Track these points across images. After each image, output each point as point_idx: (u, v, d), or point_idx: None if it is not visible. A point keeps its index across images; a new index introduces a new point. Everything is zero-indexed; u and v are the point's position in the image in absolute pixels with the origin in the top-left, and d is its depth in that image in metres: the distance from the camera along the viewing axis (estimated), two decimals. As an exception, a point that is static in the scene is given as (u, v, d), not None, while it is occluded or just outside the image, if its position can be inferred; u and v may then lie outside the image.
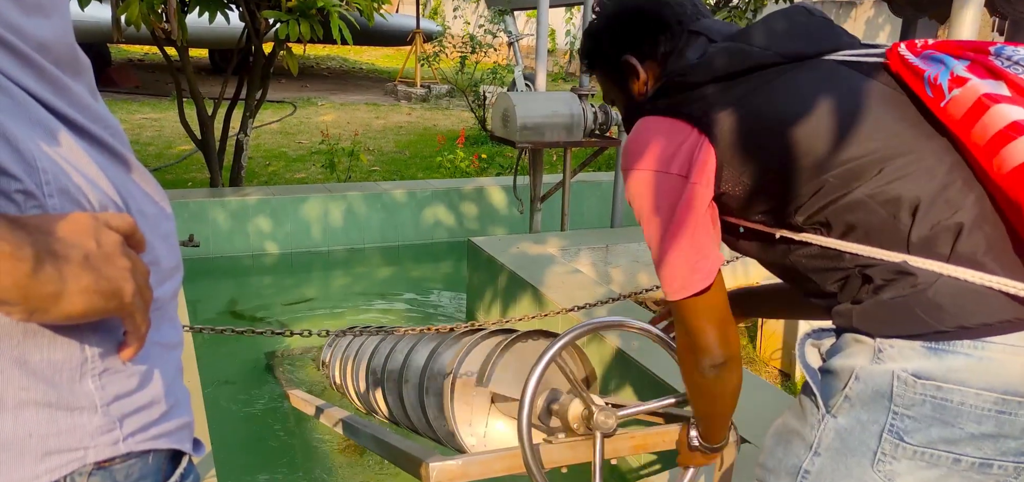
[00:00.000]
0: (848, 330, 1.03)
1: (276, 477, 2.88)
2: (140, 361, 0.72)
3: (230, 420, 3.25)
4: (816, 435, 1.02)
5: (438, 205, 5.86)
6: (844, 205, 1.02)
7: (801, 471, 1.03)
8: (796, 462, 1.04)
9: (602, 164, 7.24)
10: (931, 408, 0.93)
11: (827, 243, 1.04)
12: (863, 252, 1.01)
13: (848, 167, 1.01)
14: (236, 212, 5.36)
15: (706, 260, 1.09)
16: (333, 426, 2.49)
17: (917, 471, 0.95)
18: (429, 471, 1.55)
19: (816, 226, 1.05)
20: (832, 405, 1.01)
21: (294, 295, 4.91)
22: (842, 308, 1.04)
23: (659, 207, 1.09)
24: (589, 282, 3.71)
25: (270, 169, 7.75)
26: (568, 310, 2.27)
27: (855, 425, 0.99)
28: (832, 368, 1.03)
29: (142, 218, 0.75)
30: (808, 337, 1.10)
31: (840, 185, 1.01)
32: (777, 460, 1.08)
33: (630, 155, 1.13)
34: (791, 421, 1.08)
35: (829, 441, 1.01)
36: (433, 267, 5.68)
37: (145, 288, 0.68)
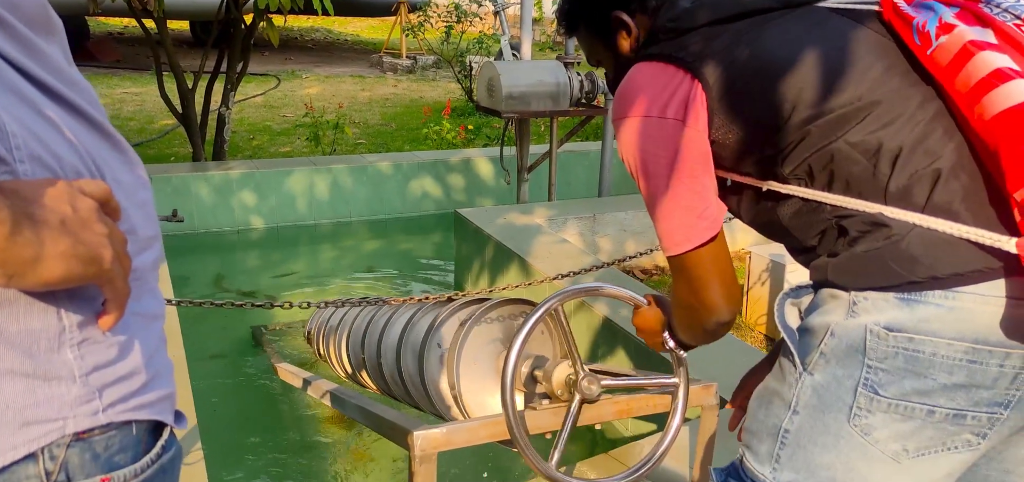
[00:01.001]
0: (824, 285, 1.03)
1: (264, 449, 2.89)
2: (120, 331, 0.72)
3: (217, 394, 3.25)
4: (794, 394, 1.03)
5: (425, 177, 5.84)
6: (827, 154, 1.00)
7: (781, 430, 1.04)
8: (776, 422, 1.05)
9: (589, 133, 7.22)
10: (904, 360, 0.94)
11: (808, 194, 1.03)
12: (841, 203, 1.00)
13: (833, 116, 1.00)
14: (220, 186, 5.32)
15: (709, 208, 1.06)
16: (320, 397, 2.50)
17: (892, 424, 0.96)
18: (414, 440, 1.56)
19: (800, 177, 1.04)
20: (808, 362, 1.01)
21: (281, 269, 4.90)
22: (819, 262, 1.04)
23: (656, 155, 1.06)
24: (575, 251, 3.72)
25: (254, 143, 7.68)
26: (552, 278, 2.28)
27: (831, 381, 1.00)
28: (808, 326, 1.03)
29: (117, 186, 0.74)
30: (787, 296, 1.10)
31: (824, 134, 1.00)
32: (759, 422, 1.08)
33: (622, 103, 1.10)
34: (771, 382, 1.08)
35: (806, 399, 1.01)
36: (420, 239, 5.68)
37: (123, 255, 0.68)
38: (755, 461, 1.09)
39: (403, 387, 2.36)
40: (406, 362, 2.28)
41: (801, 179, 1.05)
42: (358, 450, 2.86)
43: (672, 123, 1.06)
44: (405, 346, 2.29)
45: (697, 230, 1.05)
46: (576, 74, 4.57)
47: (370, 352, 2.58)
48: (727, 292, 1.08)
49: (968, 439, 0.95)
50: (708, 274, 1.07)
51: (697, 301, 1.09)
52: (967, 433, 0.95)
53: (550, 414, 1.66)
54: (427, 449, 1.57)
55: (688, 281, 1.09)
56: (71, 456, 0.67)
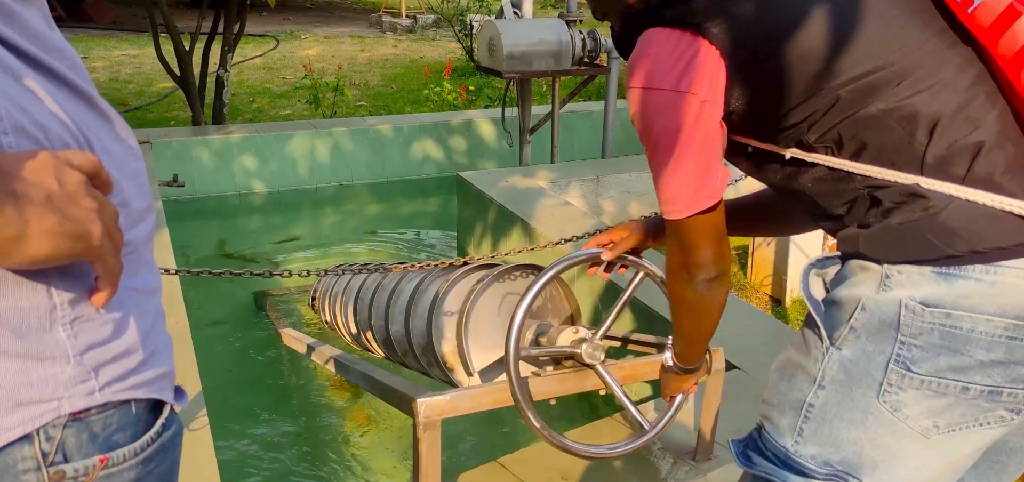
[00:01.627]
0: (854, 256, 1.00)
1: (269, 415, 2.90)
2: (115, 308, 0.70)
3: (221, 361, 3.26)
4: (820, 368, 1.00)
5: (426, 139, 5.79)
6: (858, 121, 0.96)
7: (805, 405, 1.01)
8: (800, 396, 1.01)
9: (591, 93, 7.14)
10: (939, 337, 0.91)
11: (837, 163, 0.99)
12: (874, 173, 0.96)
13: (864, 81, 0.95)
14: (220, 151, 5.28)
15: (714, 179, 1.05)
16: (325, 364, 2.50)
17: (924, 401, 0.93)
18: (418, 407, 1.56)
19: (827, 145, 1.00)
20: (836, 337, 0.98)
21: (283, 233, 4.88)
22: (848, 233, 1.00)
23: (667, 127, 1.03)
24: (578, 214, 3.70)
25: (254, 105, 7.62)
26: (556, 243, 2.26)
27: (860, 356, 0.97)
28: (837, 298, 0.99)
29: (107, 157, 0.71)
30: (812, 267, 1.07)
31: (855, 100, 0.96)
32: (781, 395, 1.05)
33: (635, 72, 1.06)
34: (794, 355, 1.05)
35: (833, 374, 0.98)
36: (422, 202, 5.65)
37: (114, 230, 0.65)
38: (776, 433, 1.06)
39: (412, 352, 2.36)
40: (415, 327, 2.27)
41: (828, 147, 1.01)
42: (363, 415, 2.87)
43: (686, 97, 1.02)
44: (414, 311, 2.27)
45: (698, 200, 1.05)
46: (578, 32, 4.50)
47: (378, 316, 2.57)
48: (717, 251, 1.09)
49: (1002, 415, 0.93)
50: (701, 236, 1.07)
51: (688, 259, 1.09)
52: (1001, 409, 0.93)
53: (555, 380, 1.65)
54: (431, 416, 1.57)
55: (681, 243, 1.09)
56: (68, 437, 0.66)
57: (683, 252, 1.09)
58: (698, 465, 1.78)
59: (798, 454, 1.03)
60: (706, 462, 1.79)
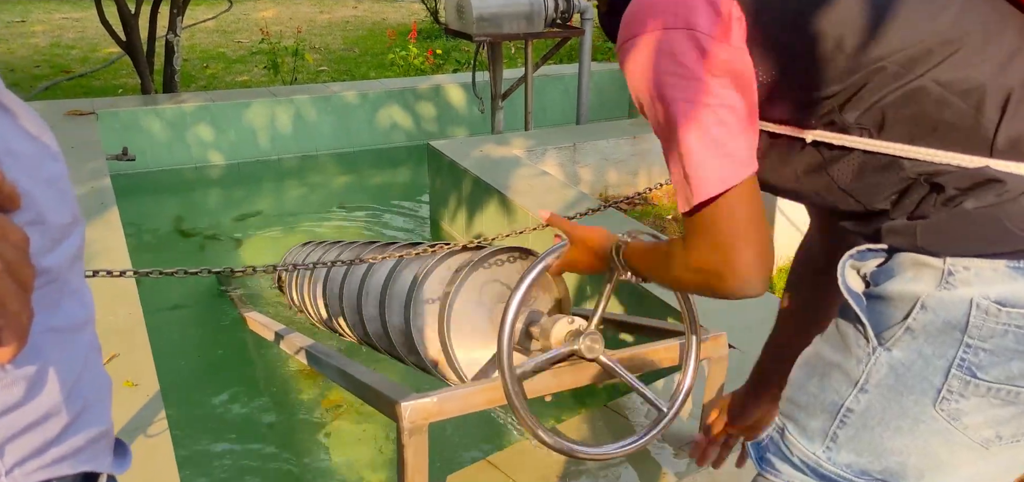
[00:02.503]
0: (906, 249, 0.87)
1: (235, 411, 2.72)
2: (27, 360, 0.53)
3: (180, 351, 3.05)
4: (863, 370, 0.87)
5: (393, 106, 5.56)
6: (907, 96, 0.83)
7: (842, 409, 0.89)
8: (836, 399, 0.90)
9: (564, 56, 6.96)
10: (1014, 340, 0.79)
11: (881, 148, 0.85)
12: (933, 157, 0.83)
13: (915, 49, 0.82)
14: (173, 121, 4.99)
15: (744, 139, 0.84)
16: (295, 354, 2.33)
17: (988, 409, 0.82)
18: (402, 411, 1.41)
19: (865, 126, 0.86)
20: (886, 337, 0.86)
21: (244, 208, 4.64)
22: (899, 224, 0.87)
23: (676, 77, 0.85)
24: (558, 185, 3.55)
25: (208, 72, 7.27)
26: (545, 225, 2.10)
27: (916, 359, 0.85)
28: (885, 294, 0.87)
29: (12, 160, 0.54)
30: (850, 257, 0.93)
31: (903, 71, 0.82)
32: (810, 395, 0.93)
33: (631, 22, 0.89)
34: (828, 351, 0.92)
35: (880, 377, 0.86)
36: (391, 173, 5.44)
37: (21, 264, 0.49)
38: (802, 437, 0.94)
39: (387, 339, 2.21)
40: (391, 312, 2.12)
41: (867, 128, 0.86)
42: (338, 409, 2.71)
43: (699, 36, 0.85)
44: (390, 296, 2.12)
45: (729, 168, 0.84)
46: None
47: (349, 300, 2.41)
48: (761, 253, 0.87)
49: None
50: (740, 227, 0.86)
51: (723, 263, 0.87)
52: None
53: (550, 375, 1.52)
54: (417, 420, 1.43)
55: (713, 239, 0.87)
56: None
57: (717, 252, 0.88)
58: (702, 458, 1.67)
59: (831, 461, 0.92)
60: (711, 454, 1.68)
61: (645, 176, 4.37)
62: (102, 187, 3.50)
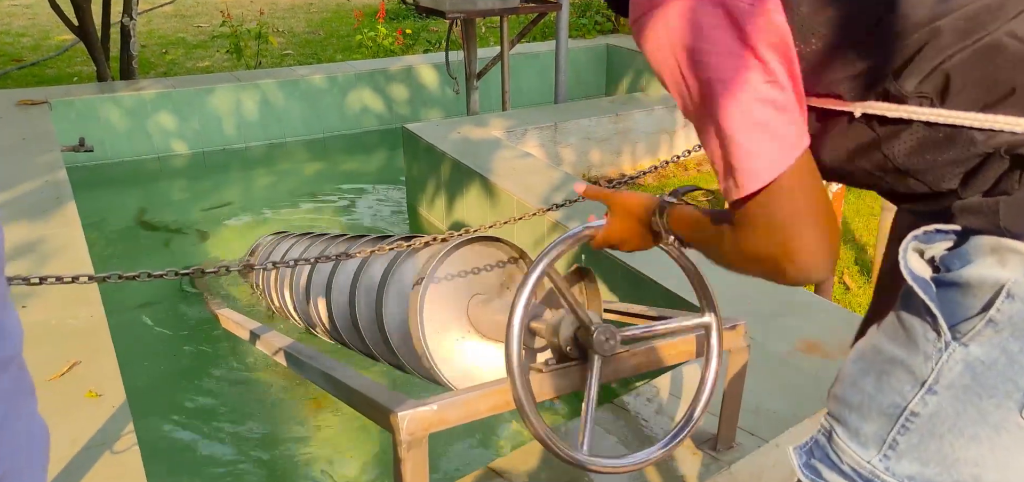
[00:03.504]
0: (986, 231, 0.76)
1: (209, 422, 2.55)
2: None
3: (148, 354, 2.87)
4: (933, 367, 0.77)
5: (363, 89, 5.37)
6: (978, 55, 0.72)
7: (905, 412, 0.78)
8: (897, 400, 0.79)
9: (538, 33, 6.80)
10: None
11: (947, 117, 0.74)
12: (1014, 126, 0.72)
13: (978, 4, 0.71)
14: (133, 109, 4.75)
15: (794, 112, 0.75)
16: (273, 355, 2.17)
17: None
18: (399, 421, 1.28)
19: (926, 94, 0.75)
20: (963, 330, 0.75)
21: (212, 199, 4.43)
22: (974, 202, 0.76)
23: (707, 49, 0.75)
24: (542, 166, 3.42)
25: (168, 58, 6.98)
26: (546, 210, 1.97)
27: (999, 356, 0.74)
28: (961, 281, 0.76)
29: None
30: (914, 238, 0.82)
31: (970, 27, 0.72)
32: (865, 395, 0.82)
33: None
34: (886, 345, 0.81)
35: (954, 376, 0.76)
36: (364, 158, 5.25)
37: None
38: (854, 443, 0.83)
39: (359, 337, 2.07)
40: (361, 310, 1.98)
41: (927, 96, 0.75)
42: (324, 410, 2.56)
43: (730, 3, 0.74)
44: (359, 292, 1.98)
45: (779, 151, 0.75)
46: (529, -33, 4.16)
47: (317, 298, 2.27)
48: (825, 234, 0.78)
49: None
50: (799, 211, 0.76)
51: (783, 252, 0.78)
52: None
53: (560, 376, 1.39)
54: (416, 431, 1.29)
55: (768, 228, 0.78)
56: None
57: (774, 241, 0.78)
58: (719, 455, 1.57)
59: (889, 471, 0.81)
60: (728, 451, 1.58)
61: (628, 155, 4.26)
62: (57, 180, 3.28)
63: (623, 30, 6.70)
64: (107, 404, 1.81)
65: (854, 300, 2.78)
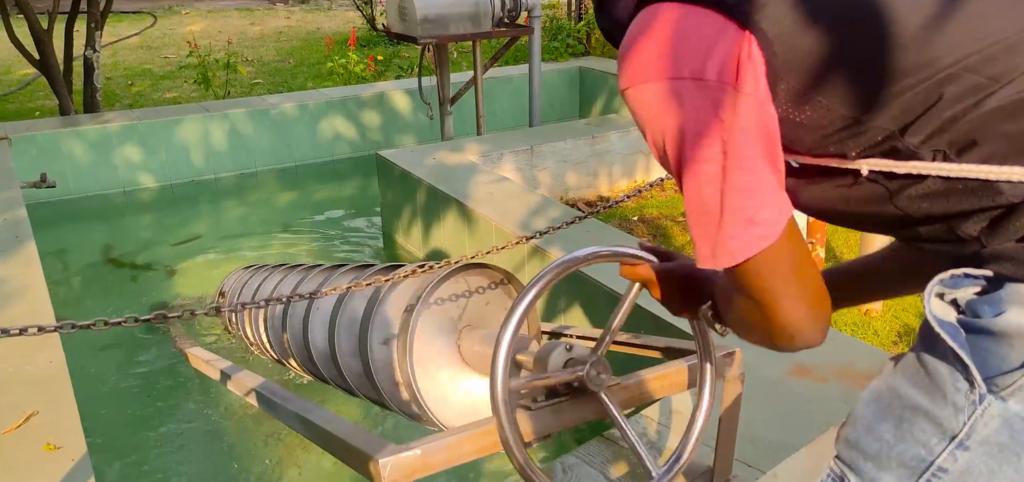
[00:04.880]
0: (1021, 279, 0.71)
1: (175, 473, 2.42)
2: None
3: (111, 399, 2.74)
4: (965, 422, 0.72)
5: (335, 117, 5.29)
6: (995, 111, 0.69)
7: (933, 467, 0.73)
8: (921, 453, 0.74)
9: (510, 58, 6.79)
10: None
11: (967, 172, 0.71)
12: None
13: (992, 50, 0.68)
14: (97, 143, 4.62)
15: (767, 205, 0.74)
16: (245, 396, 2.07)
17: None
18: (380, 469, 1.20)
19: (941, 149, 0.72)
20: (1001, 384, 0.70)
21: (181, 233, 4.31)
22: (1009, 249, 0.71)
23: (690, 133, 0.74)
24: (519, 191, 3.36)
25: (134, 89, 6.85)
26: (528, 237, 1.91)
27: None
28: (996, 329, 0.71)
29: None
30: (939, 282, 0.77)
31: (982, 80, 0.68)
32: (884, 445, 0.77)
33: (637, 59, 0.76)
34: (907, 391, 0.76)
35: (989, 432, 0.71)
36: (337, 187, 5.16)
37: None
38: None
39: (342, 379, 1.99)
40: (342, 346, 1.90)
41: (941, 151, 0.71)
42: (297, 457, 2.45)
43: (715, 86, 0.72)
44: (340, 328, 1.90)
45: (755, 234, 0.74)
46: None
47: (295, 334, 2.18)
48: (811, 305, 0.77)
49: None
50: (779, 286, 0.76)
51: (768, 322, 0.78)
52: None
53: (549, 414, 1.32)
54: (399, 479, 1.21)
55: (751, 299, 0.78)
56: None
57: (758, 311, 0.78)
58: (716, 489, 1.51)
59: None
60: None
61: (605, 177, 4.23)
62: (17, 218, 3.15)
63: (595, 53, 6.72)
64: (66, 457, 1.70)
65: (840, 320, 2.75)
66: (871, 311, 2.80)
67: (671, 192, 4.19)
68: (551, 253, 2.65)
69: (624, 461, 1.64)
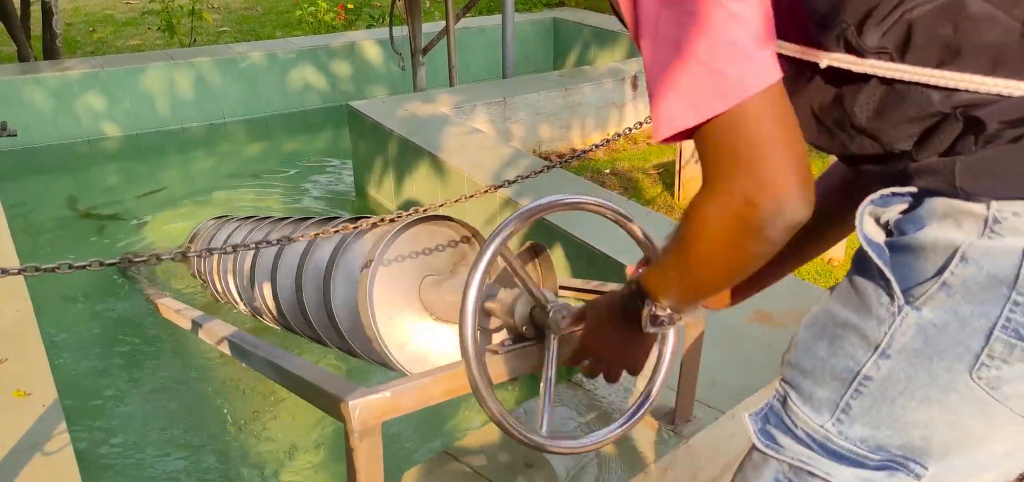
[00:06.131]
0: (941, 193, 0.75)
1: (148, 420, 2.43)
2: None
3: (80, 351, 2.73)
4: (885, 332, 0.76)
5: (305, 66, 5.21)
6: (941, 11, 0.70)
7: (858, 376, 0.78)
8: (850, 365, 0.78)
9: (483, 8, 6.71)
10: None
11: (904, 73, 0.72)
12: (971, 84, 0.71)
13: None
14: (58, 91, 4.50)
15: (763, 49, 0.72)
16: (217, 344, 2.08)
17: None
18: (350, 410, 1.22)
19: (886, 48, 0.73)
20: (916, 294, 0.74)
21: (148, 183, 4.25)
22: (931, 162, 0.74)
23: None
24: (491, 143, 3.36)
25: (95, 36, 6.66)
26: (497, 186, 1.92)
27: (951, 320, 0.73)
28: (915, 244, 0.75)
29: None
30: (871, 202, 0.80)
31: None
32: (818, 360, 0.81)
33: None
34: (839, 310, 0.80)
35: (906, 340, 0.75)
36: (308, 139, 5.11)
37: None
38: (808, 408, 0.83)
39: (305, 322, 2.01)
40: (308, 293, 1.92)
41: (887, 52, 0.73)
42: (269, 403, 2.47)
43: None
44: (306, 276, 1.91)
45: (751, 70, 0.71)
46: (473, -62, 4.08)
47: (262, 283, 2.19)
48: (801, 163, 0.73)
49: None
50: (775, 133, 0.72)
51: (754, 184, 0.72)
52: None
53: (516, 357, 1.35)
54: (368, 420, 1.24)
55: (735, 156, 0.73)
56: None
57: (745, 170, 0.73)
58: (678, 429, 1.56)
59: (842, 435, 0.80)
60: (686, 424, 1.58)
61: (578, 129, 4.24)
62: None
63: (569, 3, 6.66)
64: (36, 403, 1.70)
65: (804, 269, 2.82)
66: (833, 260, 2.87)
67: (643, 144, 4.21)
68: (521, 203, 2.67)
69: (591, 403, 1.69)
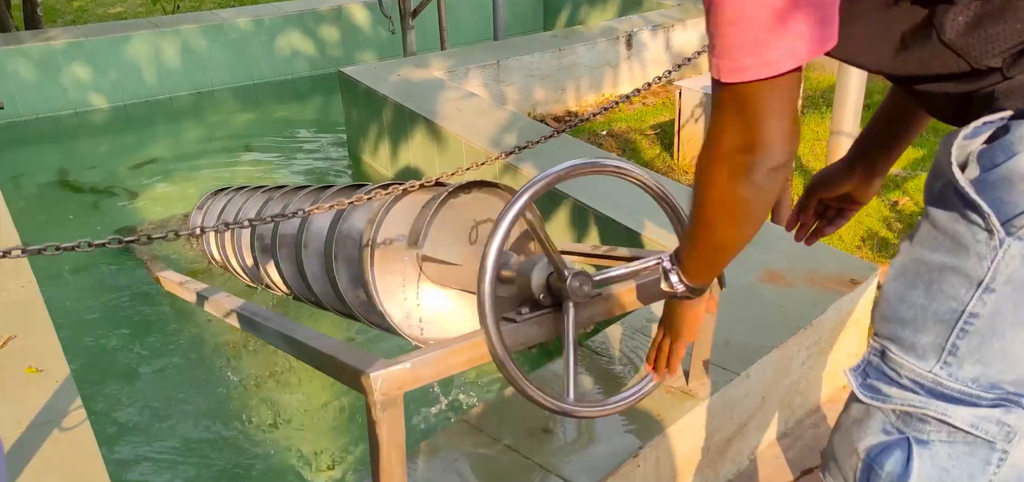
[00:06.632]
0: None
1: (160, 394, 2.43)
2: None
3: (87, 326, 2.72)
4: (988, 266, 0.76)
5: (292, 32, 5.13)
6: None
7: (964, 315, 0.78)
8: (953, 306, 0.78)
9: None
10: None
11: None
12: None
13: None
14: (42, 61, 4.42)
15: (811, 25, 0.75)
16: (225, 317, 2.07)
17: None
18: (372, 382, 1.23)
19: None
20: (1017, 224, 0.74)
21: (138, 155, 4.19)
22: (1018, 82, 0.75)
23: None
24: (487, 107, 3.34)
25: (76, 5, 6.51)
26: (508, 154, 1.92)
27: None
28: (1007, 174, 0.74)
29: None
30: (957, 134, 0.79)
31: None
32: (917, 308, 0.81)
33: None
34: (929, 256, 0.80)
35: (1011, 271, 0.75)
36: (298, 106, 5.05)
37: None
38: (911, 356, 0.82)
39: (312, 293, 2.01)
40: (340, 267, 1.91)
41: None
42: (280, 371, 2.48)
43: None
44: (338, 248, 1.90)
45: (783, 51, 0.75)
46: (464, -102, 4.00)
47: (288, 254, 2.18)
48: (792, 128, 0.81)
49: None
50: (773, 109, 0.79)
51: (752, 138, 0.81)
52: None
53: (533, 325, 1.36)
54: (390, 391, 1.25)
55: (746, 116, 0.80)
56: None
57: (748, 128, 0.80)
58: (691, 390, 1.58)
59: (953, 377, 0.80)
60: (701, 386, 1.60)
61: (573, 91, 4.22)
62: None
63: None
64: (50, 379, 1.70)
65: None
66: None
67: (639, 105, 4.20)
68: (523, 170, 2.67)
69: (604, 368, 1.71)
